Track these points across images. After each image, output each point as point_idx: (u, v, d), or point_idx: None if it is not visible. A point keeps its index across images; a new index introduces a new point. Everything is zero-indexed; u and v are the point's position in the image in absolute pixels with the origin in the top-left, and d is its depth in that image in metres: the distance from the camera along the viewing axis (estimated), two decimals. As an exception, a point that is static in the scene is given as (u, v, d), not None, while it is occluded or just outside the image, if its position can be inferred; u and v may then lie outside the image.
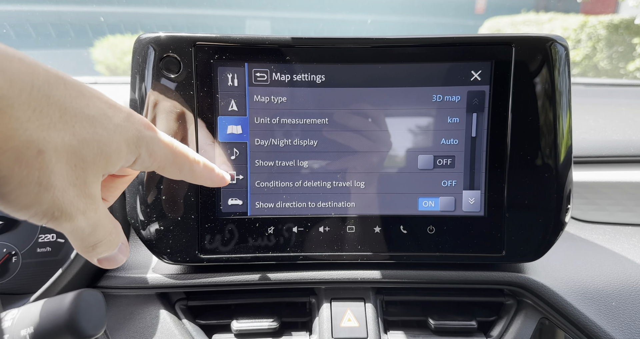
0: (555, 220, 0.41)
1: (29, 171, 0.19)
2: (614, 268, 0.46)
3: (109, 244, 0.26)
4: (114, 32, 2.69)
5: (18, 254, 0.45)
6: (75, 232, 0.23)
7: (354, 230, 0.43)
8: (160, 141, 0.27)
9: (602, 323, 0.41)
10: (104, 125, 0.23)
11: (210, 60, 0.40)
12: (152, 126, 0.27)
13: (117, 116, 0.24)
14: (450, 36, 0.40)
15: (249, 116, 0.41)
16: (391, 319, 0.45)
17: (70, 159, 0.21)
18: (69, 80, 0.22)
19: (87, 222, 0.23)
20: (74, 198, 0.22)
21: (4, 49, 0.20)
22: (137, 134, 0.25)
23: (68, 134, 0.21)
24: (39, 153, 0.20)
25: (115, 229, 0.26)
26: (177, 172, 0.29)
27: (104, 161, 0.23)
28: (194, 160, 0.30)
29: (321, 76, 0.41)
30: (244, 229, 0.42)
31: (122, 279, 0.44)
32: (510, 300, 0.45)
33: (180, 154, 0.29)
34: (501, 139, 0.41)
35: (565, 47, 0.40)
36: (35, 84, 0.20)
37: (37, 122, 0.20)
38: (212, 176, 0.32)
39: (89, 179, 0.22)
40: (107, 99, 0.25)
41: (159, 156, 0.27)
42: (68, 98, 0.21)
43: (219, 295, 0.45)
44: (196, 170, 0.30)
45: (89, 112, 0.22)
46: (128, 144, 0.25)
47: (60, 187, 0.21)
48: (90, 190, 0.23)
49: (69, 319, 0.26)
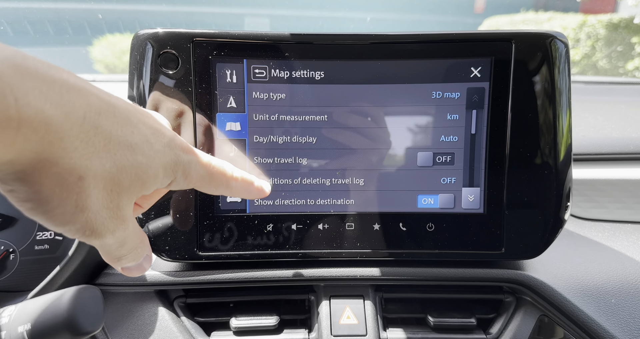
0: (555, 217, 0.41)
1: (68, 195, 0.21)
2: (613, 265, 0.46)
3: (134, 257, 0.27)
4: (112, 30, 2.68)
5: (16, 251, 0.44)
6: (103, 247, 0.25)
7: (353, 227, 0.43)
8: (196, 163, 0.28)
9: (601, 320, 0.41)
10: (144, 152, 0.24)
11: (209, 56, 0.39)
12: (191, 149, 0.28)
13: (159, 142, 0.25)
14: (450, 33, 0.40)
15: (248, 112, 0.41)
16: (390, 317, 0.45)
17: (107, 185, 0.22)
18: (119, 108, 0.23)
19: (114, 240, 0.24)
20: (106, 220, 0.23)
21: (66, 80, 0.20)
22: (175, 159, 0.26)
23: (109, 162, 0.22)
24: (79, 179, 0.21)
25: (142, 243, 0.28)
26: (213, 190, 0.30)
27: (140, 186, 0.24)
28: (231, 177, 0.31)
29: (320, 73, 0.40)
30: (243, 226, 0.42)
31: (120, 276, 0.44)
32: (509, 297, 0.45)
33: (216, 173, 0.30)
34: (501, 136, 0.41)
35: (565, 44, 0.40)
36: (87, 116, 0.21)
37: (82, 152, 0.21)
38: (250, 189, 0.33)
39: (122, 202, 0.24)
40: (153, 124, 0.26)
41: (194, 178, 0.28)
42: (115, 126, 0.22)
43: (218, 292, 0.45)
44: (233, 186, 0.31)
45: (133, 139, 0.23)
46: (165, 169, 0.26)
47: (94, 210, 0.22)
48: (122, 212, 0.24)
49: (66, 315, 0.26)
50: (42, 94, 0.19)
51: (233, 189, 0.31)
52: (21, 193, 0.20)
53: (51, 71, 0.20)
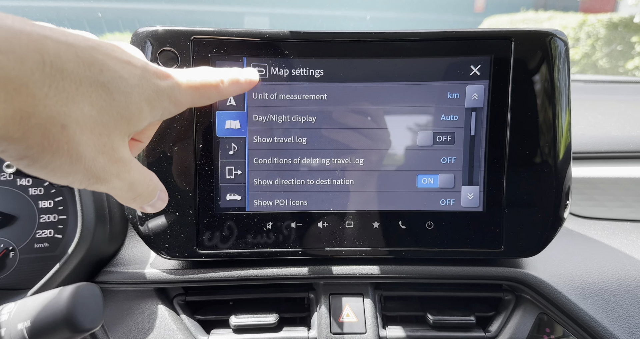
0: (554, 216, 0.41)
1: (58, 145, 0.21)
2: (612, 263, 0.46)
3: (147, 196, 0.28)
4: (111, 29, 2.67)
5: (15, 249, 0.44)
6: (113, 191, 0.25)
7: (353, 225, 0.43)
8: (178, 86, 0.27)
9: (600, 318, 0.41)
10: (119, 89, 0.23)
11: (208, 54, 0.39)
12: (167, 73, 0.27)
13: (132, 75, 0.24)
14: (449, 31, 0.40)
15: (247, 111, 0.41)
16: (390, 315, 0.45)
17: (94, 129, 0.22)
18: (80, 47, 0.22)
19: (122, 183, 0.25)
20: (106, 165, 0.23)
21: (10, 25, 0.20)
22: (155, 89, 0.25)
23: (86, 106, 0.22)
24: (62, 128, 0.21)
25: (151, 181, 0.28)
26: (206, 101, 0.30)
27: (126, 124, 0.24)
28: (216, 82, 0.30)
29: (320, 71, 0.40)
30: (243, 224, 0.42)
31: (120, 274, 0.44)
32: (508, 295, 0.45)
33: (201, 86, 0.29)
34: (500, 134, 0.41)
35: (564, 42, 0.40)
36: (47, 59, 0.20)
37: (54, 99, 0.20)
38: (241, 85, 0.32)
39: (115, 144, 0.24)
40: (121, 55, 0.24)
41: (183, 100, 0.28)
42: (81, 67, 0.22)
43: (217, 290, 0.45)
44: (223, 90, 0.31)
45: (103, 78, 0.23)
46: (149, 102, 0.25)
47: (90, 157, 0.22)
48: (119, 154, 0.24)
49: (66, 313, 0.26)
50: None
51: (224, 92, 0.31)
52: (12, 151, 0.20)
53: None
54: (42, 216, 0.45)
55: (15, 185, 0.45)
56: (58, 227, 0.45)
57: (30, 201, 0.45)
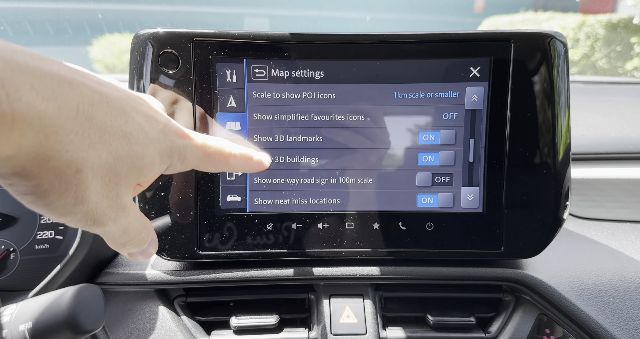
0: (554, 217, 0.42)
1: (67, 187, 0.21)
2: (611, 264, 0.47)
3: (138, 243, 0.28)
4: (112, 30, 2.68)
5: (16, 251, 0.45)
6: (106, 235, 0.25)
7: (353, 227, 0.43)
8: (192, 147, 0.28)
9: (600, 319, 0.41)
10: (139, 141, 0.24)
11: (209, 56, 0.39)
12: (186, 133, 0.28)
13: (154, 129, 0.25)
14: (449, 32, 0.40)
15: (248, 112, 0.41)
16: (390, 316, 0.45)
17: (105, 176, 0.23)
18: (112, 97, 0.23)
19: (117, 228, 0.25)
20: (106, 209, 0.23)
21: (57, 72, 0.20)
22: (170, 144, 0.26)
23: (105, 153, 0.22)
24: (77, 171, 0.21)
25: (145, 228, 0.28)
26: (212, 168, 0.31)
27: (137, 173, 0.25)
28: (229, 154, 0.31)
29: (320, 72, 0.41)
30: (243, 225, 0.42)
31: (120, 275, 0.44)
32: (508, 296, 0.45)
33: (213, 153, 0.30)
34: (500, 135, 0.41)
35: (564, 44, 0.40)
36: (80, 108, 0.21)
37: (78, 144, 0.21)
38: (249, 164, 0.33)
39: (121, 191, 0.24)
40: (147, 111, 0.25)
41: (191, 160, 0.28)
42: (109, 117, 0.22)
43: (218, 291, 0.45)
44: (232, 163, 0.31)
45: (127, 129, 0.23)
46: (161, 156, 0.26)
47: (94, 201, 0.22)
48: (122, 200, 0.24)
49: (67, 314, 0.26)
50: (34, 88, 0.19)
51: (232, 165, 0.31)
52: (21, 187, 0.21)
53: (41, 64, 0.20)
54: (42, 218, 0.45)
55: (16, 186, 0.45)
56: (59, 228, 0.45)
57: (31, 202, 0.45)
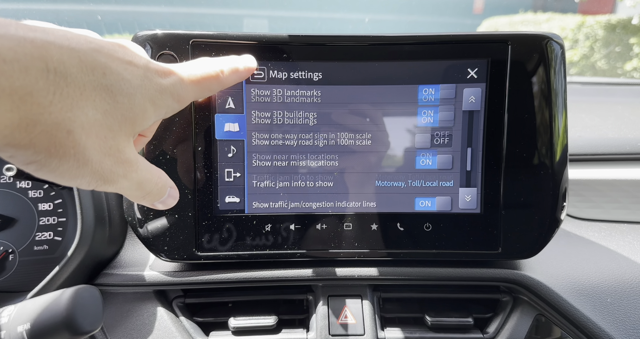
0: (551, 217, 0.42)
1: (64, 150, 0.21)
2: (609, 265, 0.47)
3: (157, 193, 0.28)
4: (111, 31, 2.68)
5: (15, 252, 0.45)
6: (122, 191, 0.25)
7: (351, 228, 0.43)
8: (181, 82, 0.27)
9: (597, 319, 0.41)
10: (122, 91, 0.23)
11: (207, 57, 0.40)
12: (169, 69, 0.27)
13: (135, 76, 0.24)
14: (446, 34, 0.40)
15: (246, 113, 0.41)
16: (388, 316, 0.45)
17: (99, 132, 0.22)
18: (83, 51, 0.22)
19: (130, 183, 0.25)
20: (112, 166, 0.23)
21: (14, 33, 0.20)
22: (158, 88, 0.25)
23: (91, 110, 0.22)
24: (68, 133, 0.21)
25: (160, 179, 0.28)
26: (207, 93, 0.30)
27: (131, 125, 0.24)
28: (217, 75, 0.30)
29: (318, 74, 0.41)
30: (241, 226, 0.42)
31: (119, 276, 0.44)
32: (506, 297, 0.45)
33: (203, 80, 0.29)
34: (497, 136, 0.41)
35: (561, 45, 0.40)
36: (50, 67, 0.20)
37: (59, 105, 0.20)
38: (240, 74, 0.33)
39: (121, 145, 0.24)
40: (123, 56, 0.24)
41: (185, 96, 0.28)
42: (85, 72, 0.22)
43: (217, 292, 0.46)
44: (223, 80, 0.31)
45: (106, 81, 0.23)
46: (152, 102, 0.25)
47: (96, 160, 0.22)
48: (125, 155, 0.24)
49: (65, 315, 0.26)
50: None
51: (224, 81, 0.31)
52: (20, 157, 0.21)
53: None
54: (41, 219, 0.45)
55: (15, 188, 0.45)
56: (57, 229, 0.46)
57: (30, 203, 0.45)
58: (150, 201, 0.28)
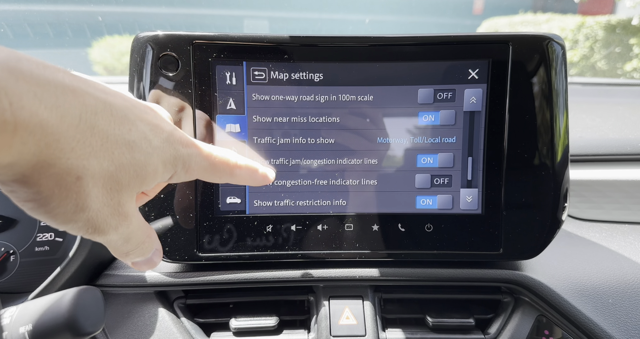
0: (552, 218, 0.42)
1: (68, 194, 0.21)
2: (610, 265, 0.47)
3: (141, 252, 0.27)
4: (111, 32, 2.69)
5: (16, 253, 0.45)
6: (108, 243, 0.25)
7: (352, 228, 0.43)
8: (197, 156, 0.28)
9: (598, 320, 0.41)
10: (142, 149, 0.24)
11: (209, 58, 0.40)
12: (191, 142, 0.28)
13: (158, 138, 0.25)
14: (447, 35, 0.40)
15: (247, 114, 0.41)
16: (389, 317, 0.45)
17: (106, 184, 0.22)
18: (116, 106, 0.23)
19: (119, 236, 0.25)
20: (107, 217, 0.23)
21: (61, 81, 0.20)
22: (174, 153, 0.26)
23: (107, 161, 0.22)
24: (77, 179, 0.21)
25: (149, 238, 0.28)
26: (217, 179, 0.30)
27: (139, 182, 0.24)
28: (235, 165, 0.31)
29: (319, 75, 0.41)
30: (243, 227, 0.42)
31: (120, 277, 0.44)
32: (507, 297, 0.45)
33: (219, 164, 0.29)
34: (498, 137, 0.41)
35: (562, 46, 0.40)
36: (83, 117, 0.21)
37: (79, 152, 0.21)
38: (255, 176, 0.33)
39: (123, 199, 0.24)
40: (152, 120, 0.25)
41: (195, 170, 0.28)
42: (112, 125, 0.22)
43: (218, 293, 0.46)
44: (237, 174, 0.31)
45: (130, 137, 0.23)
46: (164, 165, 0.25)
47: (95, 209, 0.22)
48: (124, 209, 0.24)
49: (67, 316, 0.26)
50: (37, 97, 0.19)
51: (237, 177, 0.31)
52: (22, 194, 0.21)
53: (46, 72, 0.20)
54: (42, 220, 0.45)
55: (16, 189, 0.45)
56: (59, 230, 0.46)
57: (31, 204, 0.45)
58: (132, 258, 0.28)
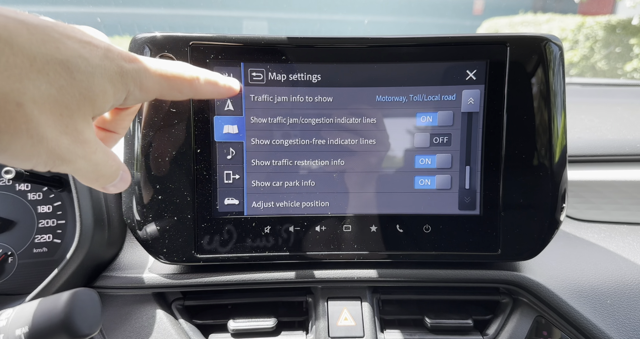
0: (551, 219, 0.42)
1: (15, 124, 0.20)
2: (609, 266, 0.47)
3: (110, 176, 0.27)
4: (111, 34, 2.68)
5: (14, 254, 0.45)
6: (77, 172, 0.25)
7: (351, 229, 0.43)
8: (146, 70, 0.26)
9: (597, 321, 0.41)
10: (80, 68, 0.22)
11: (206, 60, 0.40)
12: (135, 57, 0.26)
13: (94, 55, 0.23)
14: (445, 36, 0.40)
15: (245, 115, 0.41)
16: (387, 318, 0.45)
17: (54, 109, 0.21)
18: (32, 23, 0.21)
19: (87, 164, 0.24)
20: (70, 146, 0.22)
21: None
22: (119, 70, 0.24)
23: (44, 83, 0.21)
24: (18, 106, 0.20)
25: (114, 161, 0.27)
26: (178, 95, 0.29)
27: (90, 105, 0.23)
28: (191, 78, 0.29)
29: (317, 76, 0.41)
30: (241, 228, 0.42)
31: (118, 279, 0.44)
32: (506, 298, 0.45)
33: (173, 77, 0.28)
34: (496, 138, 0.41)
35: (559, 47, 0.40)
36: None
37: (5, 74, 0.19)
38: (218, 89, 0.31)
39: (79, 125, 0.23)
40: (81, 36, 0.23)
41: (150, 86, 0.27)
42: (34, 44, 0.20)
43: (216, 295, 0.46)
44: (198, 86, 0.29)
45: (61, 56, 0.21)
46: (112, 83, 0.24)
47: (53, 138, 0.21)
48: (84, 136, 0.23)
49: (64, 318, 0.26)
50: None
51: (198, 89, 0.29)
52: None
53: None
54: (40, 221, 0.45)
55: (14, 190, 0.45)
56: (57, 232, 0.46)
57: (29, 206, 0.45)
58: (102, 184, 0.27)
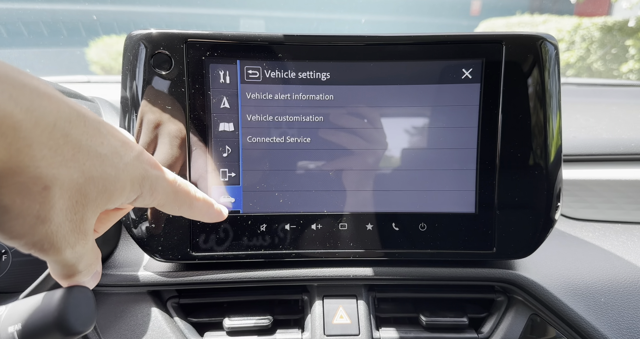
0: (545, 218, 0.42)
1: (30, 204, 0.20)
2: (603, 264, 0.47)
3: (86, 274, 0.26)
4: (107, 31, 2.67)
5: (8, 252, 0.44)
6: (58, 262, 0.24)
7: (347, 227, 0.43)
8: (163, 179, 0.28)
9: (591, 319, 0.41)
10: (113, 164, 0.24)
11: (202, 57, 0.39)
12: (158, 164, 0.28)
13: (128, 155, 0.25)
14: (441, 34, 0.40)
15: (241, 113, 0.41)
16: (383, 316, 0.45)
17: (73, 196, 0.21)
18: (89, 118, 0.23)
19: (73, 256, 0.23)
20: (67, 233, 0.22)
21: (36, 86, 0.20)
22: (143, 173, 0.26)
23: (77, 172, 0.21)
24: (44, 189, 0.20)
25: (97, 260, 0.27)
26: (176, 208, 0.30)
27: (107, 198, 0.24)
28: (194, 197, 0.31)
29: (313, 74, 0.41)
30: (237, 226, 0.42)
31: (113, 277, 0.44)
32: (501, 297, 0.45)
33: (181, 192, 0.30)
34: (492, 137, 0.41)
35: (555, 46, 0.41)
36: (58, 124, 0.20)
37: (50, 160, 0.20)
38: (210, 211, 0.33)
39: (87, 215, 0.23)
40: (122, 137, 0.25)
41: (160, 194, 0.28)
42: (85, 136, 0.22)
43: (211, 293, 0.45)
44: (195, 206, 0.31)
45: (102, 150, 0.23)
46: (132, 183, 0.25)
47: (57, 222, 0.21)
48: (85, 226, 0.23)
49: (57, 315, 0.26)
50: (12, 98, 0.18)
51: (195, 209, 0.32)
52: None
53: (21, 76, 0.19)
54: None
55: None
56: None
57: (23, 203, 0.45)
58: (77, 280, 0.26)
